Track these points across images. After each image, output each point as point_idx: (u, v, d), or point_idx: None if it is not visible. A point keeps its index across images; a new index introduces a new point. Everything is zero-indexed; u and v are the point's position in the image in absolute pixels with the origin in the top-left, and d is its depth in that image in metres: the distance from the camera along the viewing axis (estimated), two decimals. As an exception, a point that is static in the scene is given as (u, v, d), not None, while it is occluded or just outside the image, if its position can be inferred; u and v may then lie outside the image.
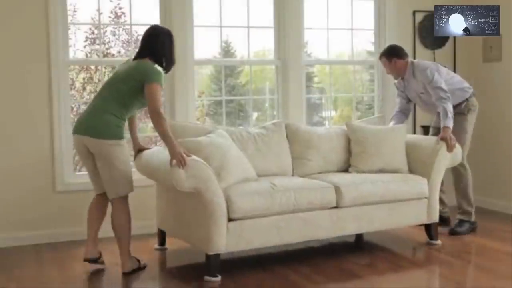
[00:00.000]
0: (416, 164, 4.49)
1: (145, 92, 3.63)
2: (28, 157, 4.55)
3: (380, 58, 4.81)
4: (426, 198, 4.36)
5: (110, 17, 6.55)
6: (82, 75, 7.31)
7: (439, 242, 4.42)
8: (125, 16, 4.97)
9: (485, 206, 5.58)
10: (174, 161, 3.49)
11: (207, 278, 3.67)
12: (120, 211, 3.77)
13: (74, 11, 5.57)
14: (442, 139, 4.37)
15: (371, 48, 5.81)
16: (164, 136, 3.58)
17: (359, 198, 4.09)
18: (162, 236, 4.43)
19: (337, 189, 4.04)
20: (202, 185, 3.56)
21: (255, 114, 6.26)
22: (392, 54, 4.72)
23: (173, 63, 3.89)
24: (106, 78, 6.59)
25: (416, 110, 5.64)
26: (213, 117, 6.60)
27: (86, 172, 3.96)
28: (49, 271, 3.88)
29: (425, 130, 5.61)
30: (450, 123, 4.40)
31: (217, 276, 3.67)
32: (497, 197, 5.54)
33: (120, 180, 3.73)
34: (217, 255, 3.66)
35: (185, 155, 3.51)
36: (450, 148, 4.35)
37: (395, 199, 4.24)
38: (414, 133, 5.61)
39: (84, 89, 7.34)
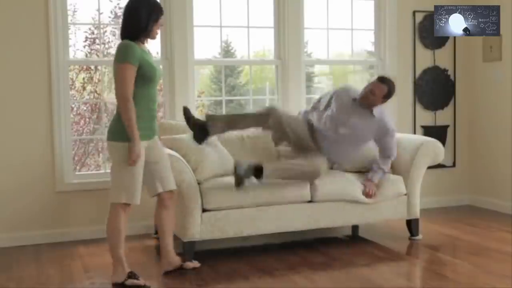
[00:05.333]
0: (398, 162, 4.60)
1: None
2: (28, 157, 4.55)
3: (381, 83, 4.27)
4: (405, 195, 4.50)
5: (110, 17, 6.57)
6: (82, 75, 7.32)
7: (420, 237, 4.55)
8: (125, 16, 4.96)
9: (485, 206, 5.59)
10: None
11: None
12: (108, 220, 3.48)
13: (74, 11, 5.58)
14: (367, 193, 4.32)
15: (371, 48, 5.81)
16: (127, 126, 3.30)
17: (334, 193, 4.23)
18: None
19: (312, 185, 4.20)
20: (177, 177, 3.77)
21: (255, 114, 6.25)
22: (391, 95, 4.33)
23: (142, 29, 3.41)
24: (106, 78, 6.66)
25: (416, 110, 5.64)
26: (213, 117, 6.60)
27: (86, 172, 4.00)
28: (49, 271, 3.87)
29: (426, 130, 5.61)
30: (377, 179, 4.37)
31: (192, 262, 3.86)
32: (496, 197, 5.53)
33: (114, 185, 3.46)
34: (192, 242, 3.92)
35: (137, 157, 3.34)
36: (370, 196, 4.32)
37: None
38: (414, 133, 5.60)
39: (84, 89, 7.36)
